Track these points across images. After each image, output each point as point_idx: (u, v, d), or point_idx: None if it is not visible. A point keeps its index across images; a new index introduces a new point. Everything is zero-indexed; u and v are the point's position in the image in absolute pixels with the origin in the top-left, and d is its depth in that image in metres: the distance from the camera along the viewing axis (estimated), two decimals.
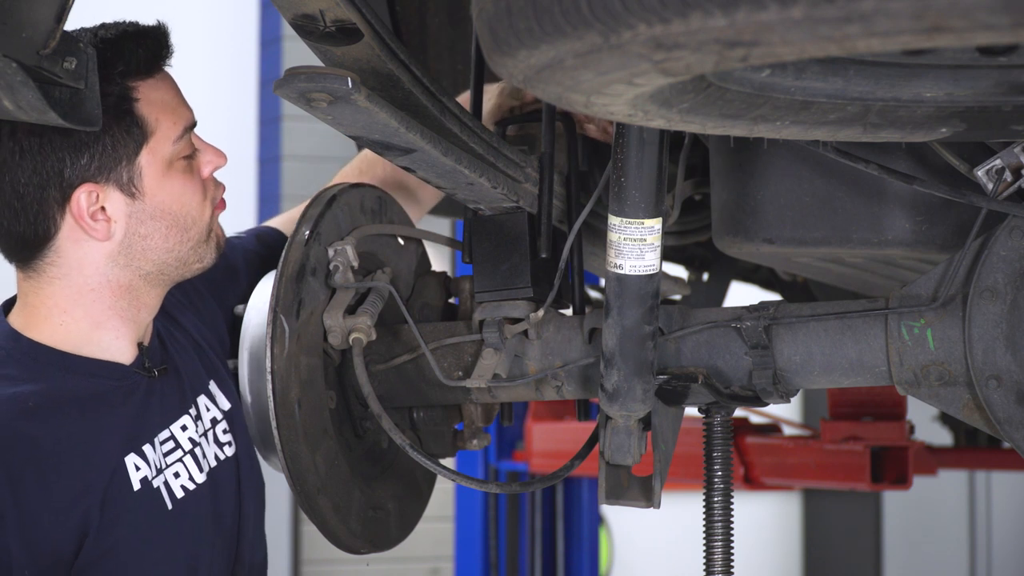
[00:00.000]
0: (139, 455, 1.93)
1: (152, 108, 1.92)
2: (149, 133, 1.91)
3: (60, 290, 1.92)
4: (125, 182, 1.90)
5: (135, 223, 1.92)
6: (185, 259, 1.97)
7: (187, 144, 1.96)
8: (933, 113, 1.50)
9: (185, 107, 1.97)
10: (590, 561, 4.81)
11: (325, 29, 1.64)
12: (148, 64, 1.92)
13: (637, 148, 1.60)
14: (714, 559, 1.95)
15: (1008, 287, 1.77)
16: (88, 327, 1.93)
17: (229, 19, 6.81)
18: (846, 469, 3.33)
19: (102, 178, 1.89)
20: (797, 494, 7.64)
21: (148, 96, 1.92)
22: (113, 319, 1.95)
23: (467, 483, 1.95)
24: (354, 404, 2.09)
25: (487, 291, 2.02)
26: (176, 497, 1.96)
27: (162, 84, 1.95)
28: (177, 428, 2.00)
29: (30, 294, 1.94)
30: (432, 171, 1.80)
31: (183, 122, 1.95)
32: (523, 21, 1.15)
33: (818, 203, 1.89)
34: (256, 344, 2.01)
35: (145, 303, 1.98)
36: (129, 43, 1.90)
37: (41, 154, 1.87)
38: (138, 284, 1.95)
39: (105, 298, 1.93)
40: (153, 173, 1.92)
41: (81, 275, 1.92)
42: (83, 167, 1.88)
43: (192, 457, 2.00)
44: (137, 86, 1.91)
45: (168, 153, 1.93)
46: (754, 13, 1.02)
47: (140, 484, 1.92)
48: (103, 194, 1.89)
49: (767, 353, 1.87)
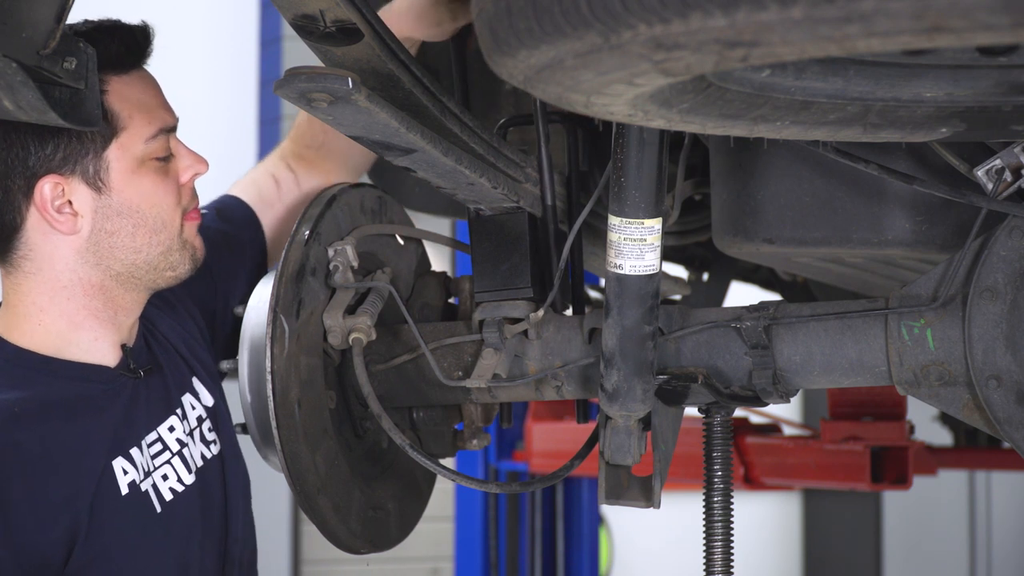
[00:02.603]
0: (126, 459, 1.93)
1: (124, 104, 1.90)
2: (119, 128, 1.90)
3: (36, 286, 1.92)
4: (91, 175, 1.89)
5: (101, 218, 1.91)
6: (155, 264, 1.95)
7: (162, 146, 1.94)
8: (933, 113, 1.50)
9: (164, 109, 1.96)
10: (590, 561, 4.81)
11: (325, 29, 1.63)
12: (121, 59, 1.91)
13: (637, 148, 1.60)
14: (714, 559, 1.95)
15: (1008, 287, 1.77)
16: (65, 327, 1.93)
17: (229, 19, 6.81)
18: (846, 469, 3.33)
19: (67, 169, 1.88)
20: (797, 494, 7.64)
21: (120, 91, 1.91)
22: (89, 319, 1.94)
23: (467, 483, 1.95)
24: (354, 404, 2.09)
25: (487, 291, 2.02)
26: (165, 500, 1.96)
27: (138, 82, 1.93)
28: (164, 429, 1.99)
29: (10, 292, 1.94)
30: (432, 171, 1.80)
31: (159, 123, 1.94)
32: (523, 21, 1.16)
33: (818, 203, 1.89)
34: (256, 344, 2.01)
35: (121, 305, 1.96)
36: (103, 36, 1.88)
37: (6, 142, 1.86)
38: (110, 284, 1.94)
39: (78, 296, 1.93)
40: (121, 169, 1.90)
41: (53, 270, 1.92)
42: (47, 157, 1.87)
43: (180, 458, 1.99)
44: (108, 79, 1.89)
45: (139, 151, 1.92)
46: (754, 13, 1.02)
47: (128, 488, 1.91)
48: (68, 187, 1.88)
49: (767, 353, 1.87)
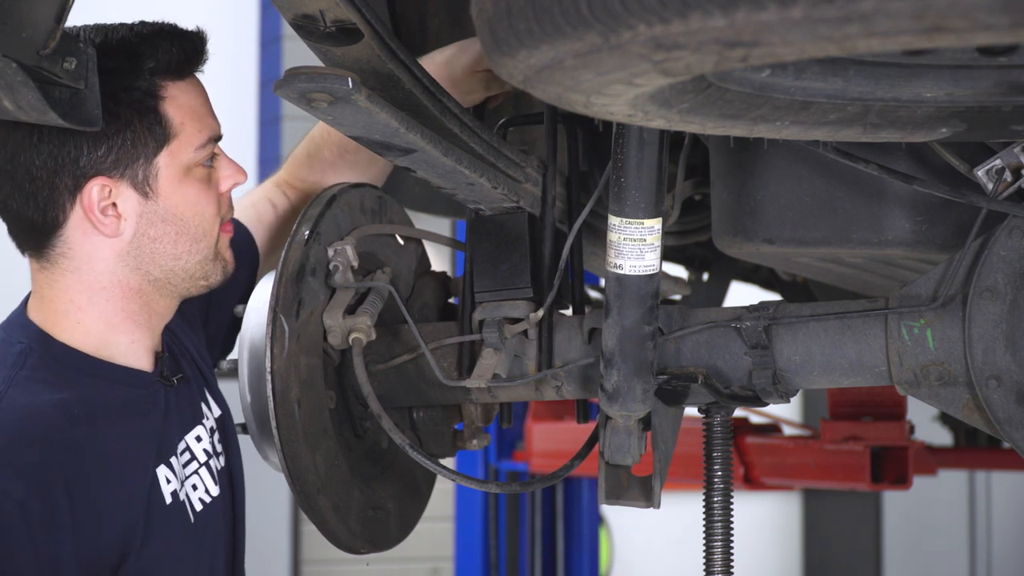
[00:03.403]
0: (168, 467, 1.92)
1: (179, 111, 1.89)
2: (172, 135, 1.89)
3: (73, 284, 1.90)
4: (140, 180, 1.88)
5: (145, 224, 1.90)
6: (192, 272, 1.95)
7: (209, 154, 1.94)
8: (933, 113, 1.50)
9: (213, 117, 1.95)
10: (590, 561, 4.81)
11: (325, 29, 1.63)
12: (180, 66, 1.90)
13: (637, 148, 1.60)
14: (714, 559, 1.95)
15: (1008, 287, 1.77)
16: (103, 328, 1.91)
17: (229, 19, 6.81)
18: (846, 469, 3.33)
19: (117, 173, 1.86)
20: (797, 494, 7.63)
21: (176, 98, 1.89)
22: (127, 322, 1.93)
23: (467, 483, 1.95)
24: (354, 404, 2.09)
25: (487, 291, 2.02)
26: (196, 510, 1.96)
27: (192, 89, 1.93)
28: (192, 439, 1.99)
29: (45, 287, 1.92)
30: (432, 171, 1.79)
31: (208, 131, 1.93)
32: (523, 21, 1.15)
33: (818, 203, 1.89)
34: (256, 344, 2.01)
35: (156, 310, 1.96)
36: (164, 41, 1.87)
37: (59, 140, 1.84)
38: (147, 289, 1.93)
39: (116, 299, 1.91)
40: (170, 176, 1.89)
41: (92, 271, 1.90)
42: (99, 159, 1.85)
43: (207, 469, 1.99)
44: (166, 85, 1.88)
45: (188, 159, 1.91)
46: (754, 13, 1.02)
47: (171, 497, 1.91)
48: (116, 189, 1.87)
49: (767, 353, 1.87)
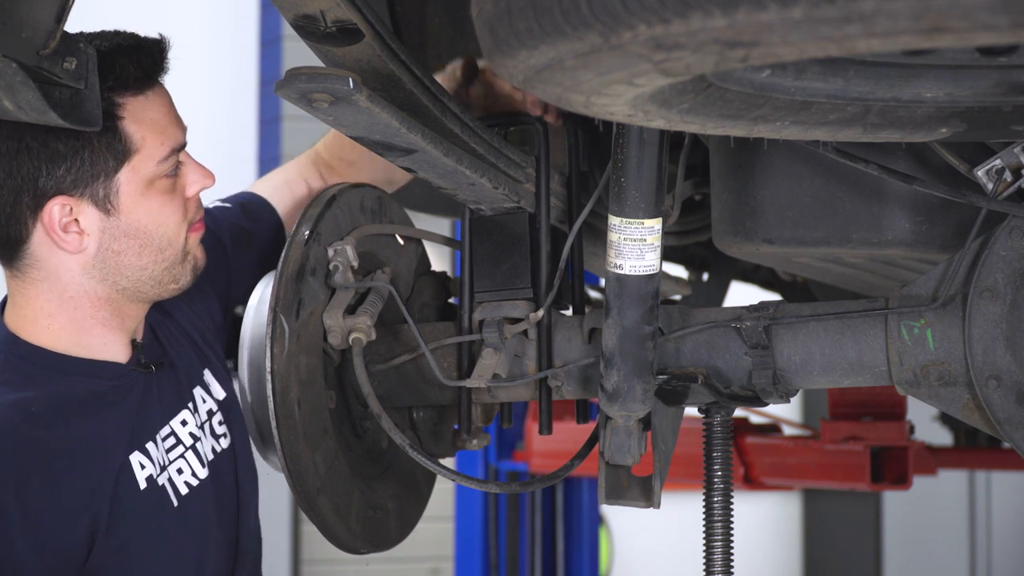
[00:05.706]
0: (143, 453, 1.93)
1: (139, 126, 1.88)
2: (132, 151, 1.88)
3: (43, 293, 1.91)
4: (101, 198, 1.87)
5: (108, 239, 1.89)
6: (159, 279, 1.95)
7: (172, 165, 1.92)
8: (933, 113, 1.50)
9: (176, 127, 1.93)
10: (590, 561, 4.81)
11: (326, 29, 1.63)
12: (139, 81, 1.88)
13: (637, 148, 1.60)
14: (714, 559, 1.95)
15: (1008, 287, 1.77)
16: (74, 332, 1.92)
17: (229, 19, 6.80)
18: (846, 469, 3.33)
19: (77, 192, 1.86)
20: (797, 494, 7.64)
21: (135, 114, 1.88)
22: (97, 327, 1.94)
23: (467, 483, 1.95)
24: (354, 404, 2.09)
25: (487, 291, 2.02)
26: (181, 494, 1.96)
27: (153, 102, 1.91)
28: (177, 423, 1.99)
29: (16, 294, 1.94)
30: (433, 172, 1.80)
31: (171, 143, 1.91)
32: (523, 21, 1.15)
33: (818, 203, 1.89)
34: (256, 344, 2.01)
35: (128, 314, 1.96)
36: (122, 58, 1.86)
37: (17, 159, 1.84)
38: (116, 297, 1.93)
39: (85, 307, 1.92)
40: (132, 191, 1.89)
41: (59, 282, 1.90)
42: (58, 178, 1.84)
43: (194, 452, 2.00)
44: (125, 103, 1.87)
45: (150, 173, 1.89)
46: (754, 13, 1.02)
47: (146, 483, 1.92)
48: (77, 207, 1.86)
49: (767, 353, 1.87)
